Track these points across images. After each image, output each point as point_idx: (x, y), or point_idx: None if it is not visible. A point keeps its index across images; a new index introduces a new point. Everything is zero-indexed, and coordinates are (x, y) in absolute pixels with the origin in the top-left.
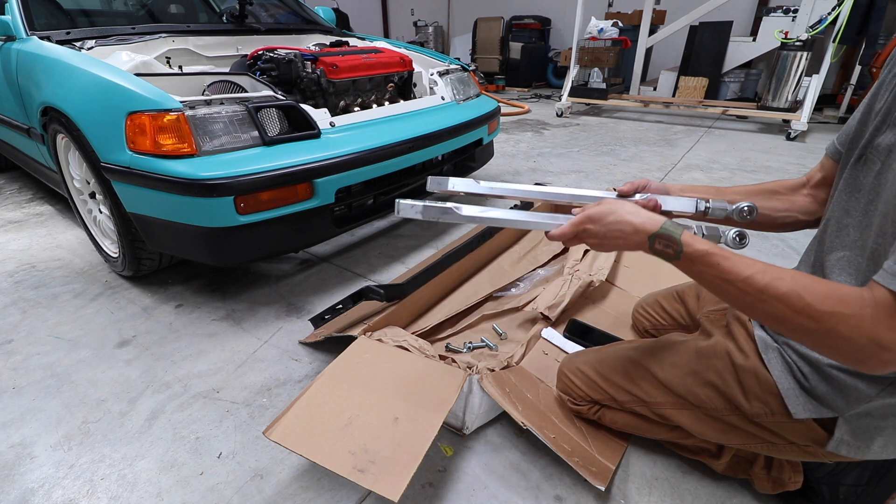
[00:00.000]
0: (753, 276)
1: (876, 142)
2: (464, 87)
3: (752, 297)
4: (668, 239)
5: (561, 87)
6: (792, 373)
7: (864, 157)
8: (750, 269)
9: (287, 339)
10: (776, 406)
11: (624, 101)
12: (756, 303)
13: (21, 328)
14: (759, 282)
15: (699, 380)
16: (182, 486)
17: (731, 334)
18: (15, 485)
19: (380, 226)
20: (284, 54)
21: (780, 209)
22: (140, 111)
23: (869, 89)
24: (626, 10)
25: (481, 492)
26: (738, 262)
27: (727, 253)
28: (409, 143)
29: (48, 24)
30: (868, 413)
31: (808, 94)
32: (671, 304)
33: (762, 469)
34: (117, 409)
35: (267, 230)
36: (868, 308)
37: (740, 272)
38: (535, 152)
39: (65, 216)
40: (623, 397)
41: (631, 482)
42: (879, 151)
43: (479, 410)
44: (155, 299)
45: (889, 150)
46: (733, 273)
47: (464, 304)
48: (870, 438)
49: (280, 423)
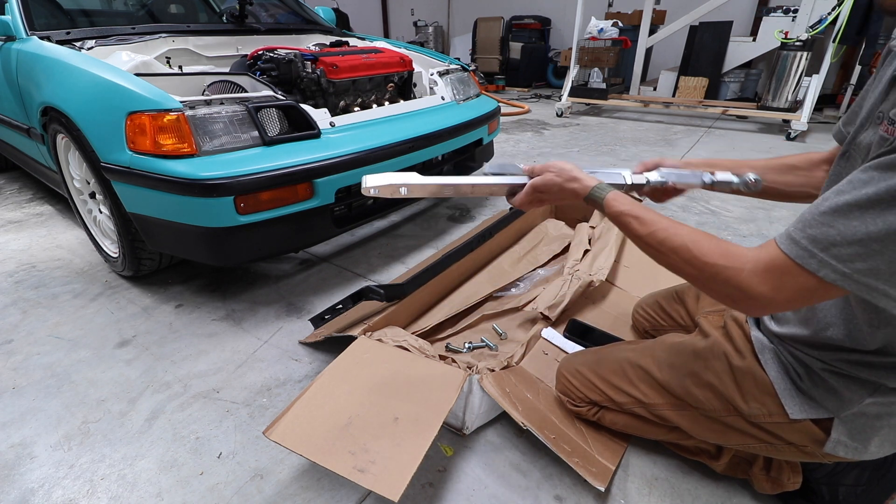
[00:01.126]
0: (655, 233)
1: (858, 139)
2: (464, 87)
3: (654, 249)
4: (593, 202)
5: (561, 87)
6: (788, 374)
7: (847, 154)
8: (653, 227)
9: (287, 339)
10: (773, 407)
11: (624, 101)
12: (657, 255)
13: (21, 328)
14: (658, 236)
15: (697, 381)
16: (182, 486)
17: (729, 335)
18: (15, 485)
19: (380, 226)
20: (284, 54)
21: (795, 184)
22: (140, 111)
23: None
24: (626, 10)
25: (481, 492)
26: (646, 220)
27: (638, 212)
28: (409, 143)
29: (48, 24)
30: (863, 413)
31: (808, 94)
32: (671, 304)
33: (761, 469)
34: (117, 409)
35: (267, 230)
36: (749, 264)
37: (645, 229)
38: (535, 152)
39: (65, 216)
40: (621, 399)
41: (631, 482)
42: (861, 149)
43: (479, 410)
44: (155, 299)
45: (868, 148)
46: (640, 230)
47: (464, 304)
48: (867, 439)
49: (280, 423)
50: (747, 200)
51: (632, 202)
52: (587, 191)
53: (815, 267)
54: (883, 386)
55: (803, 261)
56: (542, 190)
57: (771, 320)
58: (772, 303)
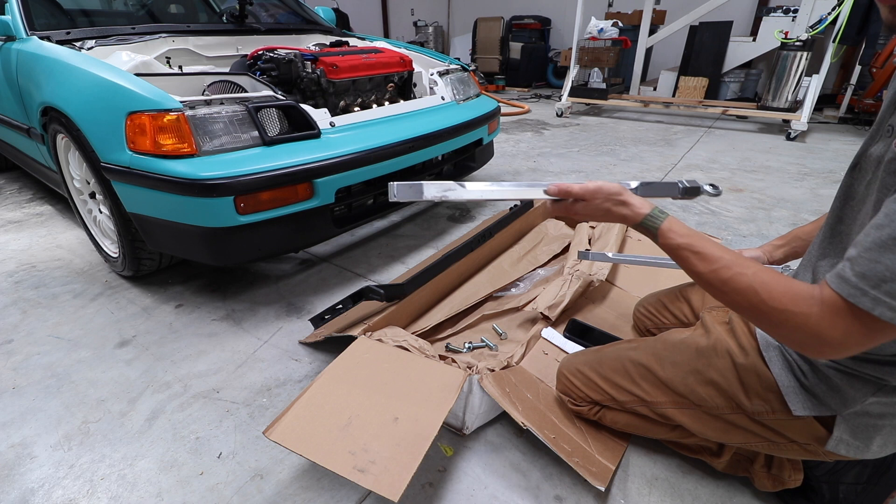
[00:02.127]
0: (718, 271)
1: (869, 151)
2: (464, 87)
3: (715, 288)
4: (646, 230)
5: (561, 87)
6: (792, 371)
7: (858, 166)
8: (717, 263)
9: (287, 339)
10: (777, 404)
11: (624, 101)
12: (718, 293)
13: (21, 328)
14: (722, 275)
15: (700, 378)
16: (182, 486)
17: (733, 332)
18: (15, 485)
19: (380, 226)
20: (284, 54)
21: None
22: (140, 111)
23: (869, 89)
24: (626, 10)
25: (481, 492)
26: (708, 255)
27: (698, 246)
28: (409, 143)
29: (48, 24)
30: (865, 412)
31: (808, 94)
32: (674, 302)
33: (762, 467)
34: (117, 409)
35: (267, 230)
36: (815, 307)
37: (708, 266)
38: (535, 152)
39: (65, 216)
40: (623, 397)
41: (631, 482)
42: (871, 161)
43: (479, 410)
44: (155, 299)
45: (878, 161)
46: (700, 267)
47: (464, 304)
48: (868, 438)
49: (280, 423)
50: (747, 200)
51: (690, 232)
52: (640, 218)
53: (870, 305)
54: (887, 385)
55: (856, 299)
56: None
57: None
58: (843, 346)
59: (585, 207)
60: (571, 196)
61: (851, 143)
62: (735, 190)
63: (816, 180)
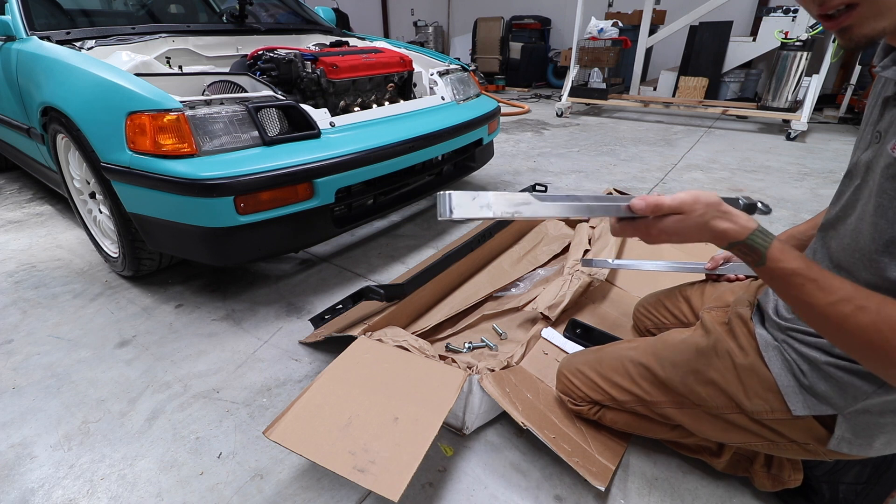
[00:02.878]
0: (838, 304)
1: (860, 158)
2: (464, 87)
3: (832, 325)
4: (752, 250)
5: (561, 87)
6: (791, 371)
7: (850, 172)
8: (836, 295)
9: (287, 339)
10: (776, 404)
11: (624, 101)
12: (834, 332)
13: (21, 328)
14: (842, 310)
15: (700, 378)
16: (182, 486)
17: (733, 332)
18: (15, 485)
19: (380, 226)
20: (284, 54)
21: None
22: (140, 111)
23: (869, 89)
24: (626, 10)
25: (481, 492)
26: (826, 285)
27: (815, 273)
28: (409, 143)
29: (48, 24)
30: (867, 410)
31: (808, 94)
32: (674, 302)
33: (762, 467)
34: (117, 409)
35: (267, 230)
36: None
37: (825, 298)
38: (535, 152)
39: (65, 216)
40: (623, 397)
41: (631, 482)
42: (860, 167)
43: (479, 410)
44: (155, 299)
45: (867, 167)
46: (816, 297)
47: (464, 304)
48: (871, 436)
49: (280, 423)
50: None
51: (802, 257)
52: (746, 233)
53: None
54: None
55: None
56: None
57: (776, 314)
58: None
59: (679, 223)
60: (663, 210)
61: (851, 143)
62: (735, 190)
63: (816, 180)
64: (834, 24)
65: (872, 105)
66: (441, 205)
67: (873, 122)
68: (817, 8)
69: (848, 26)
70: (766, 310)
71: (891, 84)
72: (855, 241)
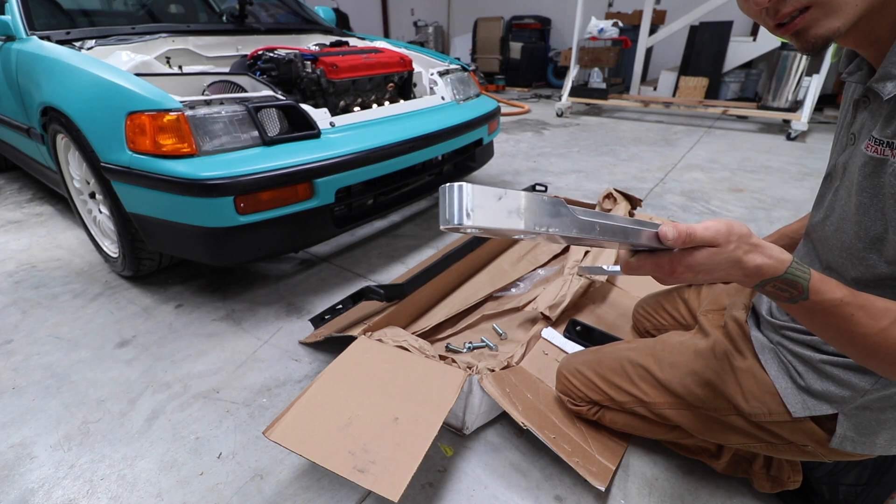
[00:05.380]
0: (889, 329)
1: (836, 160)
2: (464, 87)
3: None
4: (791, 285)
5: (561, 87)
6: (788, 373)
7: (830, 175)
8: (885, 320)
9: (287, 339)
10: (774, 406)
11: (624, 101)
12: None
13: (21, 328)
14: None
15: (698, 380)
16: (182, 487)
17: (729, 335)
18: (15, 485)
19: (380, 226)
20: (284, 54)
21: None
22: (140, 111)
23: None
24: (626, 10)
25: (481, 492)
26: (873, 310)
27: (861, 298)
28: (409, 143)
29: (48, 24)
30: (866, 407)
31: (809, 94)
32: (672, 304)
33: (762, 468)
34: (117, 409)
35: (267, 230)
36: None
37: (875, 324)
38: (535, 152)
39: (65, 216)
40: (622, 398)
41: (631, 482)
42: (838, 169)
43: (479, 410)
44: (155, 299)
45: (844, 168)
46: (869, 325)
47: (464, 304)
48: (873, 433)
49: (280, 424)
50: (748, 200)
51: (841, 284)
52: (783, 267)
53: None
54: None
55: None
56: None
57: (770, 314)
58: None
59: (711, 258)
60: (695, 241)
61: None
62: (735, 190)
63: (817, 180)
64: (788, 29)
65: (845, 109)
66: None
67: (847, 125)
68: (772, 20)
69: (802, 29)
70: (760, 312)
71: (859, 88)
72: (840, 240)
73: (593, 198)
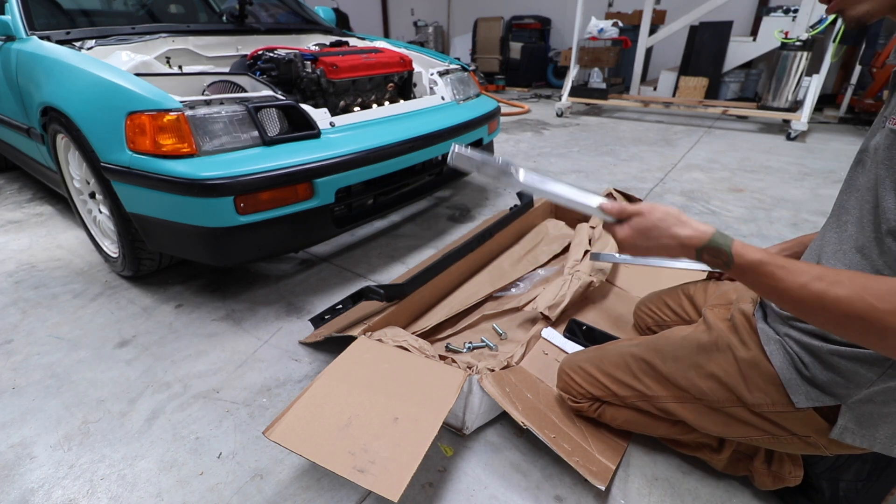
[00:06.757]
0: (809, 284)
1: (869, 144)
2: (464, 87)
3: (810, 304)
4: (716, 251)
5: (561, 87)
6: (793, 363)
7: (861, 161)
8: (805, 276)
9: (287, 339)
10: (778, 396)
11: (624, 101)
12: (815, 309)
13: (21, 328)
14: (815, 288)
15: (701, 372)
16: (182, 486)
17: (735, 327)
18: (15, 485)
19: (380, 226)
20: (284, 54)
21: None
22: (140, 111)
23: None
24: (626, 10)
25: (481, 492)
26: (793, 269)
27: (781, 261)
28: (410, 143)
29: (48, 24)
30: (870, 399)
31: (809, 94)
32: (677, 300)
33: (762, 463)
34: (117, 409)
35: (267, 230)
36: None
37: (795, 280)
38: (536, 152)
39: (65, 216)
40: (624, 392)
41: (631, 482)
42: (870, 152)
43: (479, 410)
44: (155, 299)
45: (876, 150)
46: (787, 281)
47: (464, 304)
48: (874, 426)
49: (280, 424)
50: (748, 200)
51: (763, 250)
52: (706, 237)
53: None
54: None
55: None
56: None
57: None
58: None
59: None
60: (626, 214)
61: (851, 143)
62: (735, 190)
63: (817, 180)
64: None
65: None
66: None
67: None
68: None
69: (842, 8)
70: (768, 305)
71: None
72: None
73: None
